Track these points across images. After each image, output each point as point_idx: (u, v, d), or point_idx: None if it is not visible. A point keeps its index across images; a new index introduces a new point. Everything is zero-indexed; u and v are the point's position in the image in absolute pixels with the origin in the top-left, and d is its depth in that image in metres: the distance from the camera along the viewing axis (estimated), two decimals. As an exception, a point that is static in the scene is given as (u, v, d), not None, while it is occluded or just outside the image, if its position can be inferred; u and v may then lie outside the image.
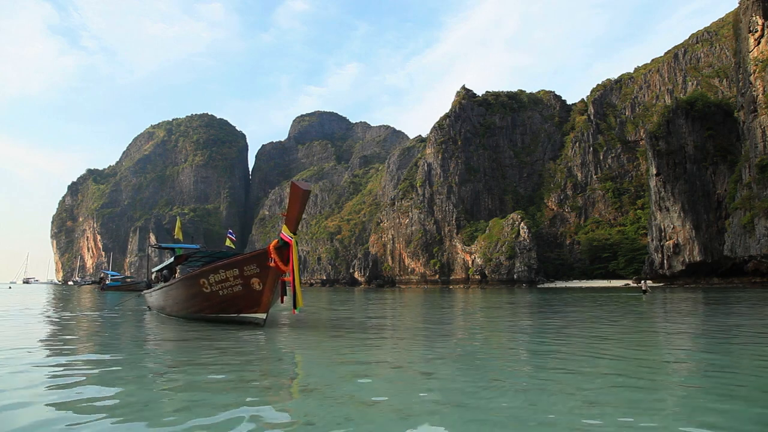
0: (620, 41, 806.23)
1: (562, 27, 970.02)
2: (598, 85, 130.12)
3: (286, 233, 10.27)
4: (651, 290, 38.70)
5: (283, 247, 10.43)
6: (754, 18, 55.89)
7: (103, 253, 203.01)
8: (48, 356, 7.14)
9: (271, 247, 10.57)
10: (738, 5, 62.98)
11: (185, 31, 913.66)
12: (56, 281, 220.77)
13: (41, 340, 9.11)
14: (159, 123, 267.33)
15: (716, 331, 10.32)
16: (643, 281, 36.02)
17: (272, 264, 10.62)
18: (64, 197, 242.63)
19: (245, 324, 11.70)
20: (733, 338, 9.14)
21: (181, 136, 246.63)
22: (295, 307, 10.50)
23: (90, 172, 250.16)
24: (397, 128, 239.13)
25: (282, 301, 12.04)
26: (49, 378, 5.48)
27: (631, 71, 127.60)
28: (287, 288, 11.39)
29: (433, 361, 6.63)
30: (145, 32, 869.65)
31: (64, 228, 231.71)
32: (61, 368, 6.09)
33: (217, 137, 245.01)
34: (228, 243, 22.78)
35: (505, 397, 4.49)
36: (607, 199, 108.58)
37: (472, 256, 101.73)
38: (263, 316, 11.35)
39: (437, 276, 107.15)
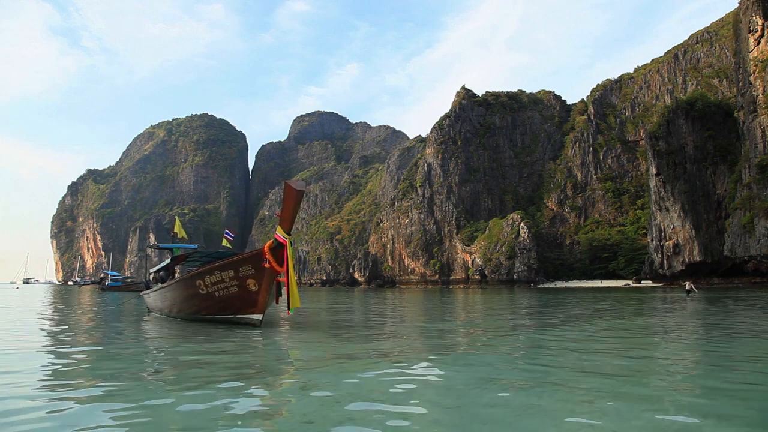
0: (620, 41, 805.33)
1: (562, 27, 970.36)
2: (598, 85, 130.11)
3: (280, 234, 10.24)
4: (696, 290, 35.69)
5: (278, 248, 10.39)
6: (754, 18, 55.89)
7: (103, 253, 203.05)
8: (47, 353, 7.12)
9: (266, 248, 10.55)
10: (738, 5, 62.99)
11: (185, 32, 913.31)
12: (56, 281, 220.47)
13: (41, 338, 9.09)
14: (159, 123, 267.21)
15: None
16: (688, 282, 33.49)
17: (267, 265, 10.60)
18: (64, 197, 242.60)
19: (242, 325, 11.69)
20: None
21: (181, 136, 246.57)
22: (289, 308, 10.45)
23: (90, 172, 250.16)
24: (397, 128, 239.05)
25: (277, 302, 12.01)
26: (47, 375, 5.46)
27: (631, 71, 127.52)
28: (282, 289, 11.37)
29: (433, 361, 6.62)
30: (145, 33, 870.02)
31: (64, 228, 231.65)
32: (60, 365, 6.07)
33: (217, 137, 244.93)
34: (224, 243, 22.74)
35: (505, 397, 4.47)
36: (607, 199, 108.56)
37: (472, 256, 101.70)
38: (259, 317, 11.34)
39: (437, 276, 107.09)
